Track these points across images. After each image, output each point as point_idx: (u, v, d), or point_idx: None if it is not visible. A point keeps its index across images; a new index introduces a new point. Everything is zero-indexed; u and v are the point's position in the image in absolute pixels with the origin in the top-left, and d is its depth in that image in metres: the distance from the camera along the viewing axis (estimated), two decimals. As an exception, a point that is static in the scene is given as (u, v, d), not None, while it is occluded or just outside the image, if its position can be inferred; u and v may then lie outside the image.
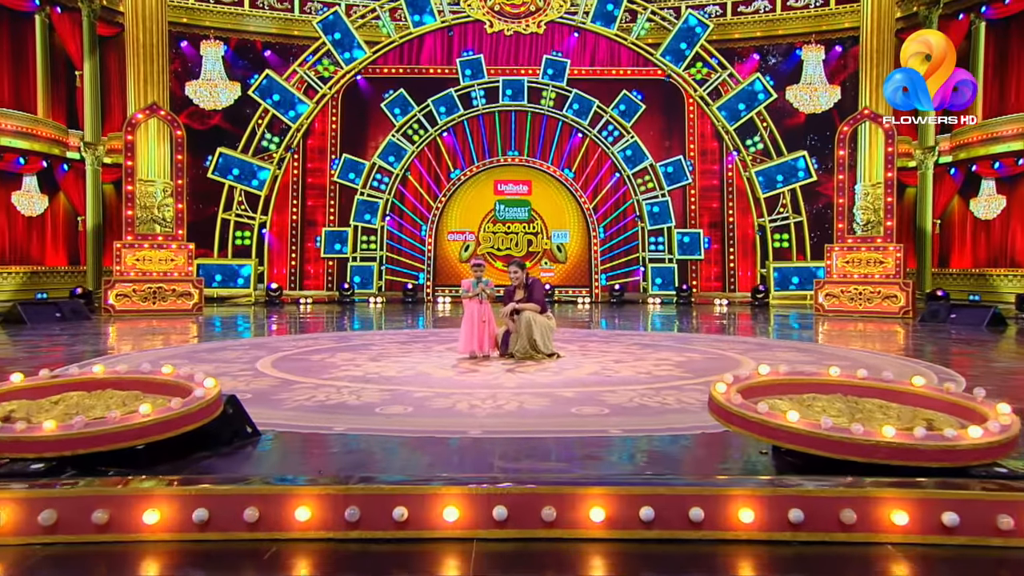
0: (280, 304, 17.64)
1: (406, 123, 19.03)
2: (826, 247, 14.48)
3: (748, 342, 9.46)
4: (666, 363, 7.30)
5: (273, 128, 18.55)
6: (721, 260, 19.43)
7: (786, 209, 18.55)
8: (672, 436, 4.32)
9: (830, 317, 13.71)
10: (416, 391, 5.71)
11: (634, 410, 5.02)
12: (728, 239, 19.33)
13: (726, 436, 4.12)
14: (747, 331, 11.71)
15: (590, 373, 6.69)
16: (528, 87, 19.01)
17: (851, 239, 14.30)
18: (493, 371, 6.81)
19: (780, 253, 18.71)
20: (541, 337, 7.66)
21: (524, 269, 7.95)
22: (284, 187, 19.01)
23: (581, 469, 3.65)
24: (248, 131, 18.35)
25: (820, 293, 14.14)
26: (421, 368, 6.97)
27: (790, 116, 18.34)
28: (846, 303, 13.85)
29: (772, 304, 17.68)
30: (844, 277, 14.02)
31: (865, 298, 13.62)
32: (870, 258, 13.80)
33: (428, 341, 9.42)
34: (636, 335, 10.45)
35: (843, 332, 11.30)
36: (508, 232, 19.53)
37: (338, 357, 7.78)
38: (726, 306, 17.82)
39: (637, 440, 4.24)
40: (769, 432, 3.33)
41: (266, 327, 12.43)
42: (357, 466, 3.71)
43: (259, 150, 18.48)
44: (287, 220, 19.19)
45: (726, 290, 19.30)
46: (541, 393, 5.63)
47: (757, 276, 18.93)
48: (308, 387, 5.88)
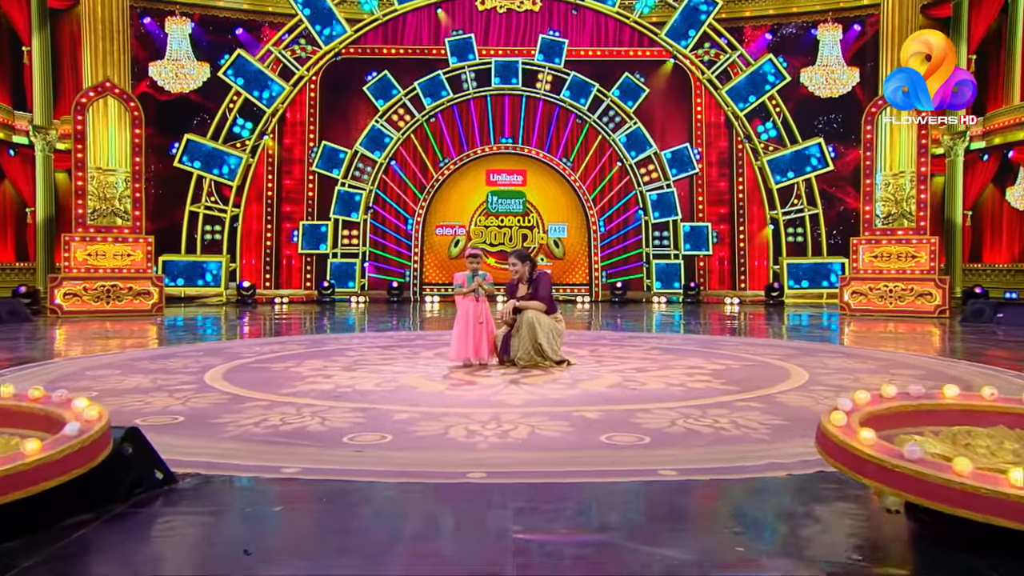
0: (253, 304, 16.46)
1: (390, 108, 17.87)
2: (851, 240, 13.46)
3: (784, 346, 8.39)
4: (699, 372, 6.21)
5: (245, 113, 17.33)
6: (731, 256, 18.42)
7: (800, 201, 17.54)
8: (750, 481, 3.21)
9: (858, 317, 12.69)
10: (398, 411, 4.58)
11: (682, 438, 3.92)
12: (738, 233, 18.32)
13: (824, 478, 3.03)
14: (774, 333, 10.66)
15: (612, 385, 5.58)
16: (522, 69, 17.89)
17: (879, 231, 13.28)
18: (493, 383, 5.70)
19: (794, 248, 17.71)
20: (548, 341, 6.55)
21: (527, 261, 6.83)
22: (258, 177, 17.82)
23: (647, 544, 2.52)
24: (218, 116, 17.13)
25: (846, 291, 13.11)
26: (405, 380, 5.84)
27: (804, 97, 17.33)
28: (875, 301, 12.83)
29: (786, 303, 16.65)
30: (872, 273, 12.99)
31: (896, 296, 12.61)
32: (901, 252, 12.78)
33: (414, 346, 8.29)
34: (652, 338, 9.36)
35: (884, 334, 10.25)
36: (501, 226, 18.42)
37: (306, 366, 6.63)
38: (737, 305, 16.79)
39: (702, 487, 3.14)
40: (931, 492, 2.22)
41: (232, 329, 11.25)
42: (301, 540, 2.58)
43: (230, 137, 17.26)
44: (261, 213, 17.99)
45: (736, 288, 18.28)
46: (556, 413, 4.51)
47: (769, 273, 17.92)
48: (261, 406, 4.74)
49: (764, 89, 17.17)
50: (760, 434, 3.99)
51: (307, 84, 17.85)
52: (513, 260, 6.81)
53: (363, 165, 17.96)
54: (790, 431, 4.05)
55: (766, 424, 4.21)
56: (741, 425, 4.19)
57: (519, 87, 17.96)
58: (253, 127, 17.31)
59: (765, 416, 4.41)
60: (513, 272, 6.83)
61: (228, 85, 16.91)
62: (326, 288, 17.22)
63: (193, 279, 16.99)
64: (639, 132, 17.87)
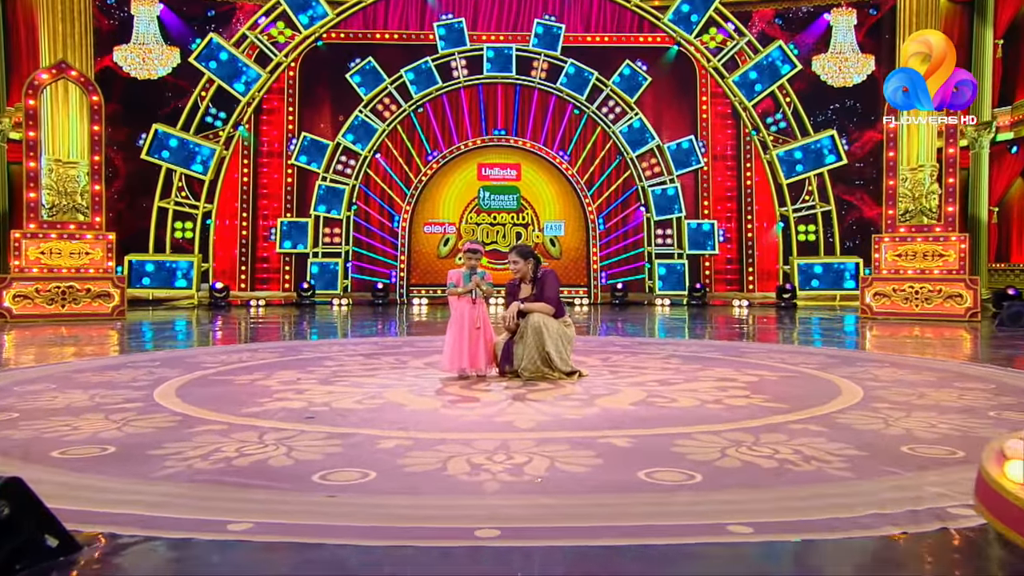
0: (227, 307, 15.65)
1: (375, 97, 17.12)
2: (873, 238, 12.80)
3: (816, 353, 7.69)
4: (732, 386, 5.49)
5: (219, 102, 16.52)
6: (738, 255, 17.77)
7: (812, 197, 16.93)
8: (855, 543, 2.46)
9: (880, 321, 12.03)
10: (383, 438, 3.83)
11: (741, 475, 3.18)
12: (745, 231, 17.67)
13: (950, 536, 2.31)
14: (798, 339, 9.97)
15: (636, 403, 4.85)
16: (516, 56, 17.19)
17: (903, 228, 12.63)
18: (495, 399, 4.96)
19: (805, 247, 17.09)
20: (556, 349, 5.82)
21: (530, 257, 6.11)
22: (232, 170, 16.99)
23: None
24: (189, 105, 16.31)
25: (868, 292, 12.43)
26: (391, 396, 5.08)
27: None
28: (899, 304, 12.16)
29: (799, 306, 16.01)
30: (896, 273, 12.33)
31: (923, 298, 11.94)
32: (927, 250, 12.12)
33: (401, 354, 7.53)
34: (666, 344, 8.64)
35: (919, 340, 9.57)
36: (494, 223, 17.71)
37: (276, 378, 5.86)
38: (746, 308, 16.13)
39: (794, 553, 2.40)
40: None
41: (199, 335, 10.44)
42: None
43: (202, 127, 16.46)
44: (236, 209, 17.17)
45: (743, 289, 17.63)
46: (578, 440, 3.77)
47: (779, 274, 17.28)
48: (215, 431, 3.97)
49: (773, 78, 16.56)
50: (837, 468, 3.26)
51: (285, 71, 17.07)
52: (514, 257, 6.08)
53: (346, 158, 17.22)
54: (872, 464, 3.33)
55: (839, 454, 3.49)
56: (809, 456, 3.46)
57: (513, 75, 17.27)
58: (227, 117, 16.56)
59: (833, 444, 3.68)
60: (514, 271, 6.10)
61: (200, 72, 16.12)
62: (306, 290, 16.46)
63: (162, 280, 16.16)
64: (640, 124, 17.25)
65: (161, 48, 15.19)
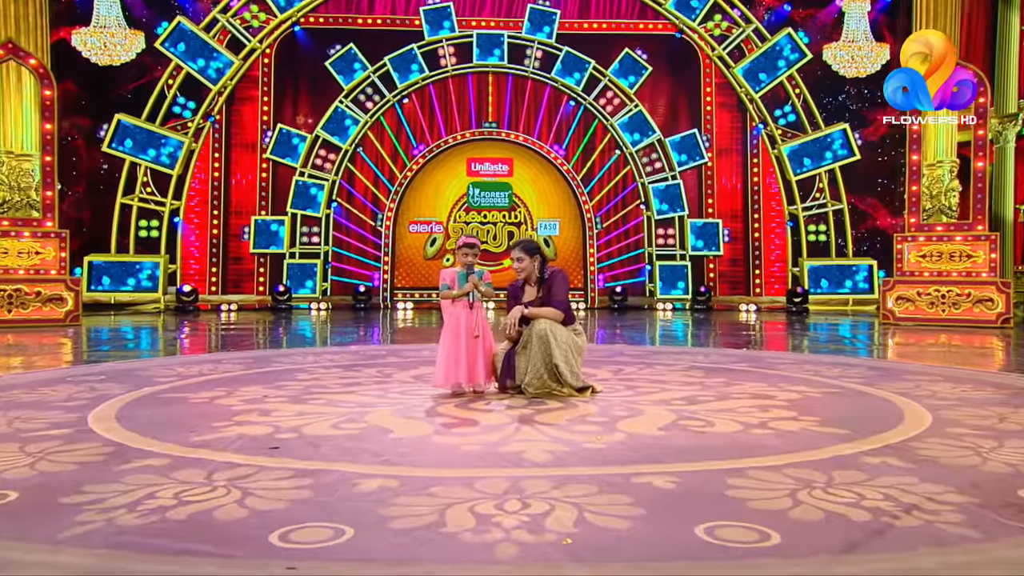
0: (195, 312, 14.89)
1: (357, 87, 16.42)
2: (895, 237, 12.25)
3: (853, 364, 7.06)
4: (773, 404, 4.85)
5: (187, 91, 15.75)
6: (744, 257, 17.19)
7: (823, 195, 16.40)
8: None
9: (904, 327, 11.45)
10: (363, 477, 3.14)
11: (825, 531, 2.53)
12: (752, 231, 17.11)
13: None
14: (824, 347, 9.37)
15: (665, 426, 4.19)
16: (508, 43, 16.55)
17: (927, 226, 12.09)
18: (498, 422, 4.29)
19: (815, 248, 16.56)
20: (566, 361, 5.17)
21: (536, 254, 5.45)
22: (202, 165, 16.24)
23: None
24: (155, 94, 15.53)
25: (889, 296, 11.85)
26: (374, 418, 4.40)
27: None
28: (924, 309, 11.59)
29: (810, 310, 15.46)
30: (919, 275, 11.77)
31: (950, 302, 11.38)
32: (953, 251, 11.56)
33: (386, 365, 6.84)
34: (683, 354, 8.00)
35: (959, 349, 8.98)
36: (484, 222, 17.05)
37: (239, 395, 5.16)
38: (754, 312, 15.56)
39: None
40: None
41: (159, 344, 9.69)
42: None
43: (169, 118, 15.69)
44: (206, 206, 16.41)
45: (750, 293, 17.06)
46: (607, 479, 3.11)
47: (788, 276, 16.72)
48: (154, 467, 3.27)
49: (782, 68, 16.03)
50: (951, 523, 2.61)
51: (260, 58, 16.31)
52: (518, 253, 5.41)
53: (325, 152, 16.50)
54: (991, 516, 2.68)
55: (943, 501, 2.83)
56: (908, 504, 2.80)
57: (504, 64, 16.63)
58: (196, 107, 15.81)
59: (929, 485, 3.03)
60: (517, 269, 5.44)
61: (167, 58, 15.37)
62: (282, 293, 15.73)
63: (125, 283, 15.36)
64: (641, 116, 16.65)
65: (124, 32, 14.41)
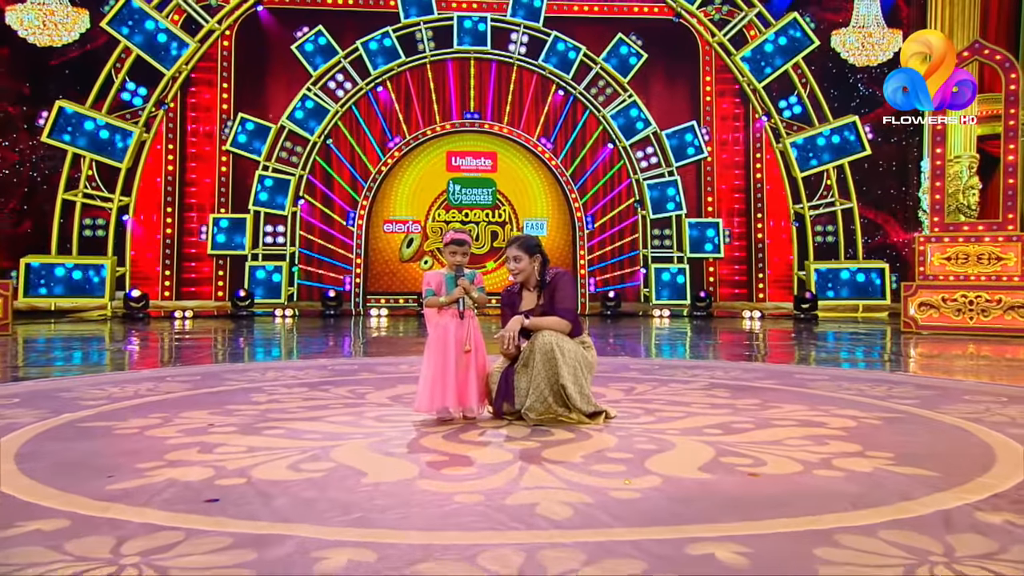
0: (145, 319, 14.12)
1: (327, 73, 15.95)
2: (917, 238, 11.75)
3: (899, 381, 6.44)
4: (826, 434, 4.20)
5: (138, 76, 15.07)
6: (747, 259, 16.87)
7: (831, 192, 15.99)
8: None
9: (928, 336, 10.92)
10: (327, 547, 2.43)
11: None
12: (755, 232, 16.71)
13: None
14: (850, 359, 8.78)
15: (706, 465, 3.51)
16: (492, 27, 16.14)
17: (952, 226, 11.60)
18: (497, 459, 3.60)
19: (823, 250, 16.17)
20: (575, 381, 4.50)
21: (536, 253, 4.78)
22: (155, 158, 15.60)
23: None
24: (101, 79, 14.79)
25: (912, 303, 11.33)
26: (343, 455, 3.68)
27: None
28: (950, 316, 11.06)
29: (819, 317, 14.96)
30: (944, 279, 11.26)
31: (978, 309, 10.87)
32: (981, 252, 11.05)
33: (358, 382, 6.13)
34: (696, 368, 7.35)
35: (1012, 362, 8.41)
36: (466, 221, 16.49)
37: (178, 424, 4.43)
38: (759, 320, 15.03)
39: None
40: None
41: (96, 357, 8.89)
42: None
43: (119, 106, 15.03)
44: (159, 203, 15.80)
45: (753, 298, 16.60)
46: (651, 549, 2.42)
47: (794, 280, 16.28)
48: (44, 535, 2.54)
49: (787, 55, 15.71)
50: None
51: (219, 40, 15.75)
52: (515, 251, 4.73)
53: (292, 144, 16.00)
54: None
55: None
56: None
57: (488, 50, 16.28)
58: (148, 94, 15.19)
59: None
60: (514, 271, 4.75)
61: (115, 39, 14.71)
62: (243, 298, 15.07)
63: (68, 287, 14.59)
64: (635, 107, 16.34)
65: (66, 9, 13.63)
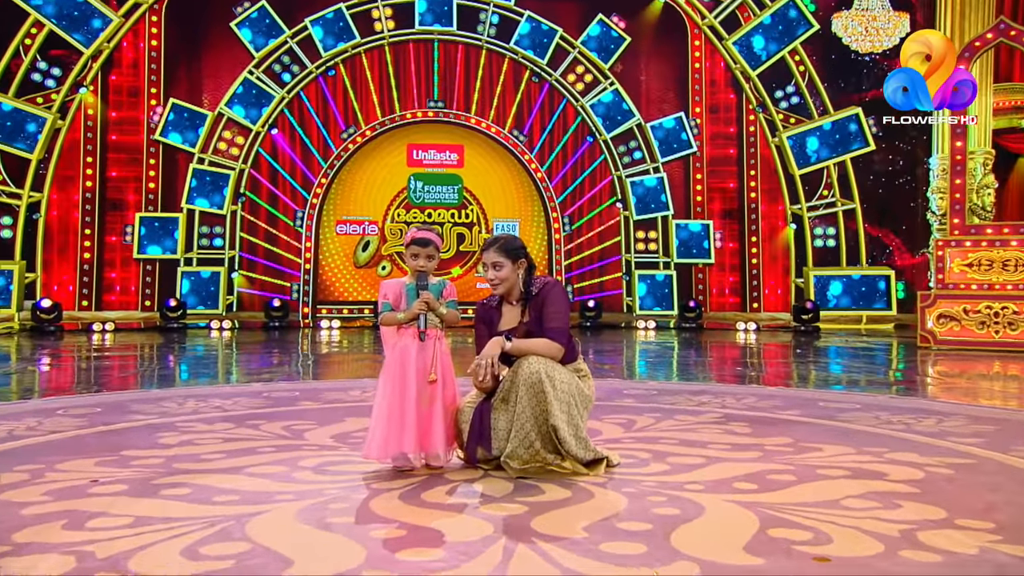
0: (58, 332, 13.36)
1: (271, 55, 15.52)
2: (934, 242, 11.31)
3: (947, 413, 5.80)
4: (893, 492, 3.51)
5: (52, 55, 14.49)
6: (740, 265, 16.60)
7: (832, 192, 15.69)
8: None
9: (948, 352, 10.43)
10: None
11: None
12: (749, 234, 16.38)
13: None
14: (872, 380, 8.19)
15: (751, 543, 2.77)
16: (459, 6, 15.83)
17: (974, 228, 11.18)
18: (472, 533, 2.81)
19: (823, 255, 15.87)
20: (569, 421, 3.77)
21: (520, 257, 4.02)
22: (71, 148, 14.99)
23: None
24: (7, 57, 14.18)
25: (930, 314, 10.85)
26: (264, 530, 2.87)
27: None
28: (972, 330, 10.61)
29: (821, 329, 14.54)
30: (966, 288, 10.81)
31: (1005, 322, 10.44)
32: (1007, 258, 10.62)
33: (297, 415, 5.34)
34: (702, 393, 6.66)
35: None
36: (429, 222, 15.86)
37: (48, 481, 3.59)
38: (754, 332, 14.55)
39: None
40: None
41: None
42: None
43: (28, 88, 14.41)
44: (77, 200, 15.14)
45: (746, 308, 16.22)
46: None
47: (791, 288, 15.91)
48: None
49: (784, 40, 15.51)
50: None
51: (147, 16, 15.11)
52: (493, 257, 3.98)
53: (231, 135, 15.60)
54: None
55: None
56: None
57: (454, 31, 15.98)
58: (63, 75, 14.64)
59: None
60: (493, 281, 3.99)
61: (23, 12, 14.09)
62: (174, 308, 14.58)
63: (-33, 297, 13.72)
64: (617, 96, 16.12)
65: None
